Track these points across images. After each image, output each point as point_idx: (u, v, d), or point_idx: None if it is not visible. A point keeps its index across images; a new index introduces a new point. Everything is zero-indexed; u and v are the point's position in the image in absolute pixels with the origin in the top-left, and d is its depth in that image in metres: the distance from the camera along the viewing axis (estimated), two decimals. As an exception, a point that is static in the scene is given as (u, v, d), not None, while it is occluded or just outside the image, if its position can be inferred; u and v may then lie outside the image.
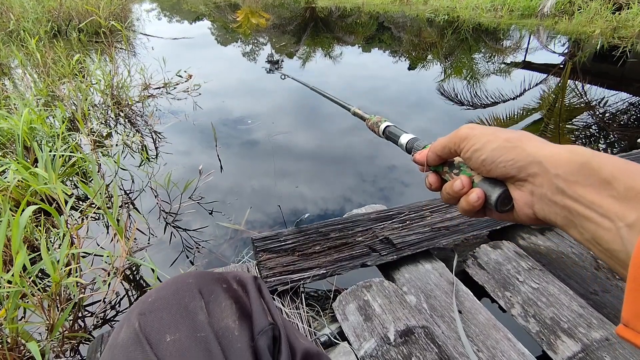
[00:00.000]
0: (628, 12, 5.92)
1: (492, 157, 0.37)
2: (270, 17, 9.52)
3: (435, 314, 1.01)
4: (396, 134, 0.57)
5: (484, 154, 0.38)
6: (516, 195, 0.37)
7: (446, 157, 0.44)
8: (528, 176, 0.35)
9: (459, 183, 0.41)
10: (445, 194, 0.43)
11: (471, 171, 0.41)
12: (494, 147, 0.37)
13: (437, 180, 0.46)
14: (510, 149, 0.36)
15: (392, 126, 0.60)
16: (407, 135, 0.56)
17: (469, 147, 0.39)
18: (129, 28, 6.81)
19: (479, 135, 0.39)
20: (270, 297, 0.57)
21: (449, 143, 0.42)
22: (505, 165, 0.36)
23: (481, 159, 0.38)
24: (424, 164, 0.47)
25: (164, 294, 0.51)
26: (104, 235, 1.72)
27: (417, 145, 0.52)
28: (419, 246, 1.17)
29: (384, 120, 0.62)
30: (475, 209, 0.39)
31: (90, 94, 3.08)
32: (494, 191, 0.37)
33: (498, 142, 0.37)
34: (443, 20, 7.73)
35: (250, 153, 2.53)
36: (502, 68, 4.79)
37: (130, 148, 2.49)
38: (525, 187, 0.35)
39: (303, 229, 1.16)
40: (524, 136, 0.37)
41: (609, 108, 3.30)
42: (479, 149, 0.38)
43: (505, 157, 0.36)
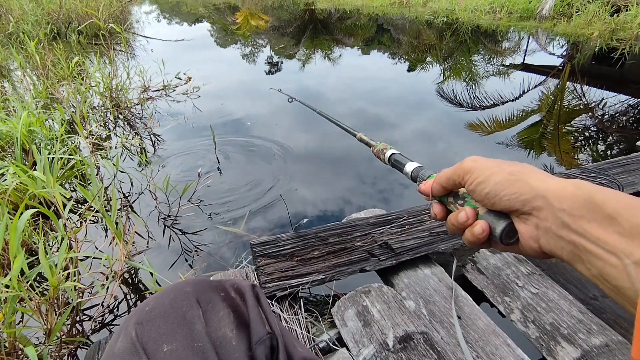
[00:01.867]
0: (626, 15, 5.94)
1: (495, 190, 0.37)
2: (269, 19, 9.54)
3: (435, 319, 1.01)
4: (401, 162, 0.58)
5: (488, 187, 0.38)
6: (521, 229, 0.36)
7: (451, 188, 0.44)
8: (532, 209, 0.34)
9: (463, 215, 0.41)
10: (450, 224, 0.43)
11: (476, 202, 0.41)
12: (498, 181, 0.37)
13: (442, 210, 0.46)
14: (514, 182, 0.36)
15: (398, 154, 0.61)
16: (412, 164, 0.56)
17: (473, 180, 0.40)
18: (129, 30, 6.81)
19: (482, 168, 0.39)
20: (269, 305, 0.57)
21: (453, 175, 0.42)
22: (510, 198, 0.36)
23: (485, 192, 0.38)
24: (428, 194, 0.47)
25: (162, 303, 0.51)
26: (103, 239, 1.71)
27: (421, 174, 0.52)
28: (417, 251, 1.17)
29: (390, 147, 0.63)
30: (480, 241, 0.40)
31: (90, 96, 3.08)
32: (499, 224, 0.37)
33: (502, 175, 0.37)
34: (442, 23, 7.75)
35: (249, 156, 2.52)
36: (501, 70, 4.80)
37: (129, 151, 2.48)
38: (530, 220, 0.35)
39: (302, 233, 1.16)
40: (527, 169, 0.37)
41: (608, 110, 3.31)
42: (482, 181, 0.39)
43: (509, 191, 0.36)
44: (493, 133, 2.97)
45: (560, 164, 2.42)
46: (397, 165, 0.59)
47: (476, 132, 2.97)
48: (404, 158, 0.59)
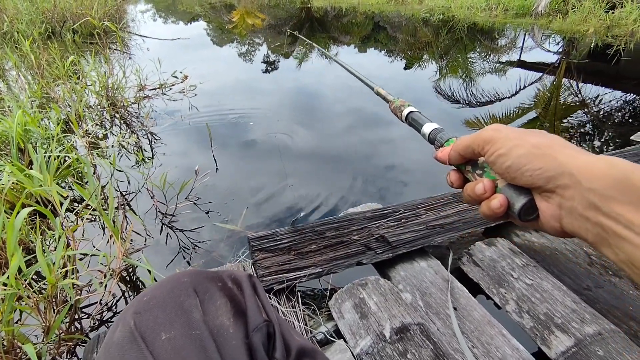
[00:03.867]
0: (621, 11, 5.96)
1: (517, 164, 0.34)
2: (265, 17, 9.52)
3: (431, 311, 1.02)
4: (419, 122, 0.54)
5: (509, 160, 0.35)
6: (542, 207, 0.34)
7: (469, 157, 0.41)
8: (557, 187, 0.32)
9: (481, 187, 0.38)
10: (466, 195, 0.41)
11: (495, 174, 0.38)
12: (521, 154, 0.34)
13: (459, 178, 0.44)
14: (539, 156, 0.33)
15: (416, 112, 0.57)
16: (430, 124, 0.52)
17: (493, 151, 0.37)
18: (124, 29, 6.78)
19: (504, 138, 0.36)
20: (265, 295, 0.58)
21: (472, 144, 0.40)
22: (532, 174, 0.33)
23: (506, 165, 0.35)
24: (445, 162, 0.45)
25: (159, 293, 0.52)
26: (100, 237, 1.72)
27: (440, 137, 0.49)
28: (414, 244, 1.18)
29: (408, 104, 0.59)
30: (497, 215, 0.37)
31: (85, 95, 3.07)
32: (518, 200, 0.35)
33: (525, 148, 0.34)
34: (438, 20, 7.76)
35: (246, 153, 2.53)
36: (498, 67, 4.81)
37: (125, 149, 2.48)
38: (553, 199, 0.33)
39: (299, 228, 1.16)
40: (555, 142, 0.34)
41: (604, 106, 3.33)
42: (503, 154, 0.36)
43: (533, 166, 0.33)
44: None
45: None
46: (414, 124, 0.56)
47: (473, 129, 2.98)
48: (423, 117, 0.55)
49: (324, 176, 2.27)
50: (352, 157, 2.47)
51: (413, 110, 0.57)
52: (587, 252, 1.26)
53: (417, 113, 0.57)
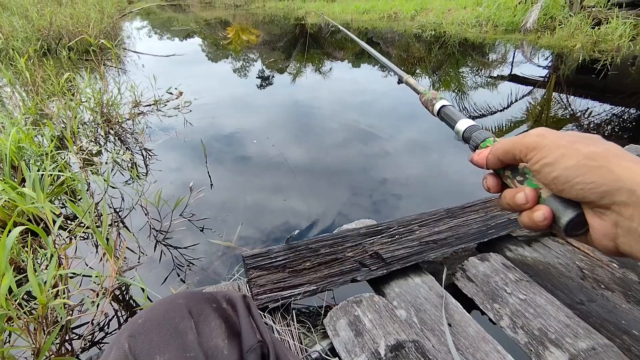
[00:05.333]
0: (607, 27, 6.13)
1: (566, 177, 0.31)
2: (260, 33, 9.66)
3: (426, 327, 1.01)
4: (453, 118, 0.50)
5: (556, 170, 0.32)
6: (594, 223, 0.31)
7: (509, 162, 0.38)
8: (613, 204, 0.29)
9: (522, 196, 0.35)
10: (504, 202, 0.38)
11: (538, 181, 0.35)
12: (570, 165, 0.31)
13: (497, 183, 0.40)
14: (592, 168, 0.30)
15: (449, 106, 0.52)
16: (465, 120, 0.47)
17: (538, 160, 0.33)
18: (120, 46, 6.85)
19: (551, 146, 0.33)
20: (259, 315, 0.58)
21: (513, 149, 0.36)
22: (584, 188, 0.30)
23: (552, 176, 0.32)
24: (482, 166, 0.41)
25: (154, 315, 0.52)
26: (93, 255, 1.70)
27: (475, 136, 0.44)
28: (408, 260, 1.18)
29: (440, 97, 0.54)
30: (539, 228, 0.34)
31: (80, 112, 3.08)
32: (565, 213, 0.32)
33: (576, 159, 0.31)
34: (430, 36, 7.92)
35: (240, 169, 2.54)
36: (489, 81, 4.91)
37: (120, 166, 2.48)
38: (607, 216, 0.29)
39: (293, 245, 1.17)
40: (611, 152, 0.30)
41: (594, 119, 3.39)
42: (550, 163, 0.32)
43: (585, 179, 0.30)
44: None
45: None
46: (447, 120, 0.51)
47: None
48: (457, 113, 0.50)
49: (319, 191, 2.28)
50: (347, 172, 2.48)
51: (446, 104, 0.52)
52: (579, 266, 1.27)
53: (450, 107, 0.52)
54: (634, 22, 6.03)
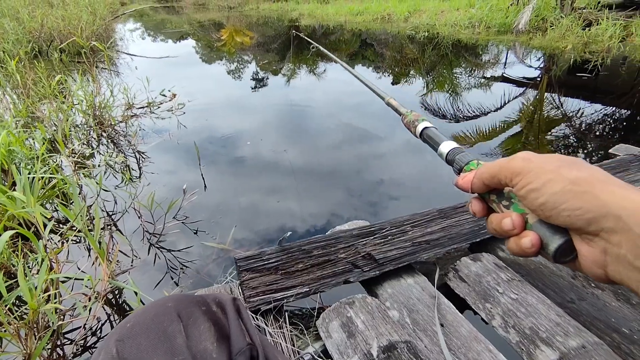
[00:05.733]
0: (597, 28, 6.21)
1: (553, 203, 0.30)
2: (254, 35, 9.66)
3: (418, 328, 1.02)
4: (436, 140, 0.49)
5: (543, 196, 0.31)
6: (583, 251, 0.30)
7: (495, 186, 0.37)
8: (600, 231, 0.28)
9: (508, 222, 0.34)
10: (491, 227, 0.37)
11: (524, 206, 0.34)
12: (556, 190, 0.30)
13: (483, 207, 0.39)
14: (578, 194, 0.29)
15: (432, 128, 0.52)
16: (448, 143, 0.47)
17: (524, 185, 0.33)
18: (112, 48, 6.81)
19: (537, 171, 0.32)
20: (249, 318, 0.58)
21: (499, 173, 0.35)
22: (571, 214, 0.29)
23: (539, 202, 0.31)
24: (467, 191, 0.40)
25: (143, 319, 0.51)
26: (86, 259, 1.69)
27: (459, 158, 0.44)
28: (400, 261, 1.19)
29: (422, 119, 0.54)
30: (527, 254, 0.33)
31: (72, 114, 3.06)
32: (554, 240, 0.31)
33: (562, 184, 0.30)
34: (423, 37, 7.97)
35: (234, 170, 2.53)
36: (483, 82, 4.94)
37: (112, 169, 2.46)
38: (595, 243, 0.29)
39: (286, 247, 1.17)
40: (596, 177, 0.30)
41: (585, 119, 3.43)
42: (536, 189, 0.31)
43: (571, 205, 0.29)
44: (477, 144, 3.04)
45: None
46: (429, 142, 0.51)
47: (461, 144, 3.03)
48: (440, 135, 0.49)
49: (313, 192, 2.28)
50: (342, 173, 2.49)
51: (428, 126, 0.52)
52: (570, 264, 1.29)
53: (433, 129, 0.51)
54: (623, 23, 6.12)
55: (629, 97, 4.04)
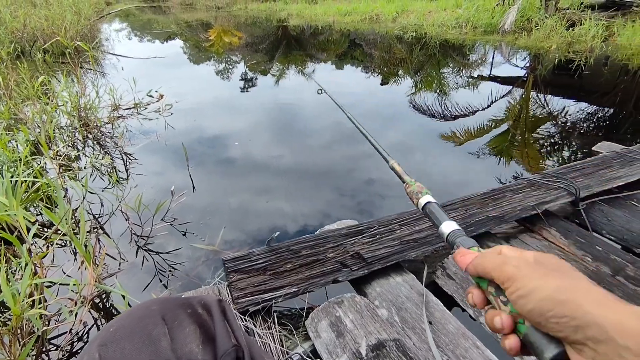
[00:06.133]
0: (581, 28, 6.32)
1: (539, 309, 0.31)
2: (242, 35, 9.61)
3: (407, 326, 1.03)
4: (438, 218, 0.49)
5: (530, 303, 0.31)
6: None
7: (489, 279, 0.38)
8: (587, 340, 0.28)
9: (498, 321, 0.35)
10: (487, 321, 0.37)
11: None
12: (542, 297, 0.31)
13: (482, 299, 0.39)
14: (563, 302, 0.30)
15: (434, 204, 0.52)
16: (449, 223, 0.47)
17: (514, 291, 0.33)
18: (98, 48, 6.70)
19: (526, 277, 0.33)
20: (235, 319, 0.58)
21: (492, 273, 0.36)
22: (559, 322, 0.29)
23: (527, 309, 0.32)
24: (462, 268, 0.41)
25: (127, 323, 0.51)
26: (71, 263, 1.66)
27: (460, 241, 0.45)
28: (389, 259, 1.19)
29: (426, 192, 0.54)
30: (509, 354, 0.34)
31: (56, 116, 3.00)
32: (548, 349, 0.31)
33: (547, 291, 0.31)
34: (411, 37, 8.02)
35: (223, 171, 2.52)
36: (470, 81, 4.99)
37: (99, 171, 2.43)
38: (585, 352, 0.29)
39: (274, 247, 1.16)
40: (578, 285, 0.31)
41: (570, 117, 3.49)
42: (524, 295, 0.32)
43: (557, 312, 0.30)
44: (465, 142, 3.08)
45: (528, 171, 2.53)
46: (431, 217, 0.51)
47: (449, 142, 3.07)
48: (442, 213, 0.50)
49: (303, 192, 2.28)
50: (332, 172, 2.49)
51: (431, 201, 0.52)
52: (555, 260, 1.31)
53: (435, 205, 0.52)
54: (605, 23, 6.25)
55: (611, 96, 4.12)
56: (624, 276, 1.22)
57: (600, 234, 1.49)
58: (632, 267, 1.25)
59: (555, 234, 1.44)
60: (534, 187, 1.63)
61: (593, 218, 1.55)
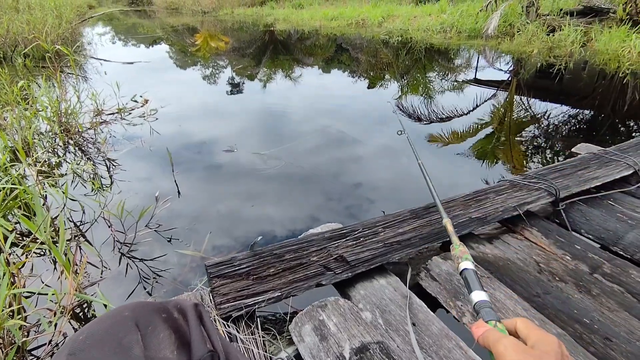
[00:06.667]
0: (560, 34, 6.49)
1: None
2: (229, 40, 9.58)
3: (391, 328, 1.03)
4: (470, 285, 0.56)
5: None
6: None
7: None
8: None
9: None
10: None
11: None
12: None
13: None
14: None
15: (472, 271, 0.58)
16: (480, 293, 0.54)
17: None
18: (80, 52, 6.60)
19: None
20: (212, 323, 0.57)
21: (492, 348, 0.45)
22: None
23: None
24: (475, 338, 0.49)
25: (96, 330, 0.50)
26: (51, 272, 1.62)
27: (484, 312, 0.51)
28: (372, 262, 1.20)
29: (466, 257, 0.60)
30: None
31: (36, 121, 2.94)
32: None
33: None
34: (397, 42, 8.11)
35: (208, 177, 2.49)
36: (455, 85, 5.07)
37: (80, 177, 2.38)
38: None
39: (257, 251, 1.16)
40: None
41: (552, 120, 3.57)
42: None
43: None
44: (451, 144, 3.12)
45: (511, 172, 2.58)
46: (465, 282, 0.57)
47: (436, 144, 3.10)
48: (476, 281, 0.56)
49: (289, 196, 2.27)
50: (319, 176, 2.49)
51: (469, 268, 0.59)
52: (536, 260, 1.33)
53: (472, 272, 0.58)
54: (584, 29, 6.42)
55: (590, 99, 4.24)
56: (601, 273, 1.25)
57: (579, 233, 1.53)
58: (609, 265, 1.28)
59: (536, 234, 1.46)
60: (515, 188, 1.66)
61: (572, 218, 1.58)
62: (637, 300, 1.14)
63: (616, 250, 1.40)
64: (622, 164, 1.86)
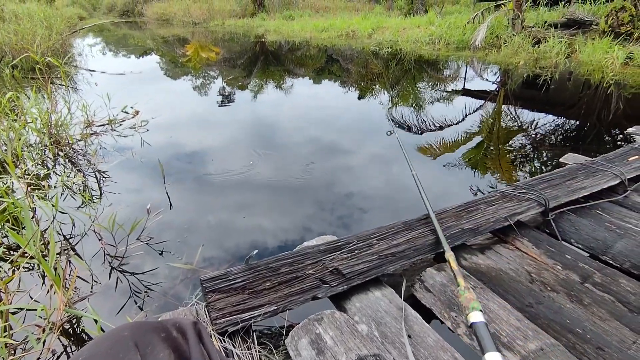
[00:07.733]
0: (545, 45, 6.67)
1: None
2: (220, 51, 9.62)
3: (387, 340, 1.03)
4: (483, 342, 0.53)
5: None
6: None
7: None
8: None
9: None
10: None
11: None
12: None
13: None
14: None
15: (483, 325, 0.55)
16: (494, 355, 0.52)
17: None
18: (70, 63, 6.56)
19: None
20: (211, 341, 0.57)
21: None
22: None
23: None
24: None
25: (96, 351, 0.49)
26: (40, 287, 1.59)
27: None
28: (367, 274, 1.20)
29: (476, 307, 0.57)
30: None
31: (25, 133, 2.90)
32: None
33: None
34: (387, 53, 8.23)
35: (200, 188, 2.48)
36: (445, 96, 5.15)
37: (70, 190, 2.35)
38: None
39: (253, 265, 1.15)
40: None
41: (539, 129, 3.64)
42: None
43: None
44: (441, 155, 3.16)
45: (500, 182, 2.61)
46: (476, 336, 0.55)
47: (426, 155, 3.14)
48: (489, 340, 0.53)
49: (281, 207, 2.27)
50: (310, 187, 2.49)
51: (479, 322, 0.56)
52: (528, 270, 1.35)
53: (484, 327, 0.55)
54: (568, 41, 6.61)
55: (575, 109, 4.34)
56: (592, 283, 1.27)
57: (569, 242, 1.55)
58: (599, 274, 1.30)
59: (527, 244, 1.48)
60: (506, 198, 1.68)
61: (562, 227, 1.61)
62: (627, 309, 1.16)
63: (606, 259, 1.43)
64: (609, 174, 1.91)
